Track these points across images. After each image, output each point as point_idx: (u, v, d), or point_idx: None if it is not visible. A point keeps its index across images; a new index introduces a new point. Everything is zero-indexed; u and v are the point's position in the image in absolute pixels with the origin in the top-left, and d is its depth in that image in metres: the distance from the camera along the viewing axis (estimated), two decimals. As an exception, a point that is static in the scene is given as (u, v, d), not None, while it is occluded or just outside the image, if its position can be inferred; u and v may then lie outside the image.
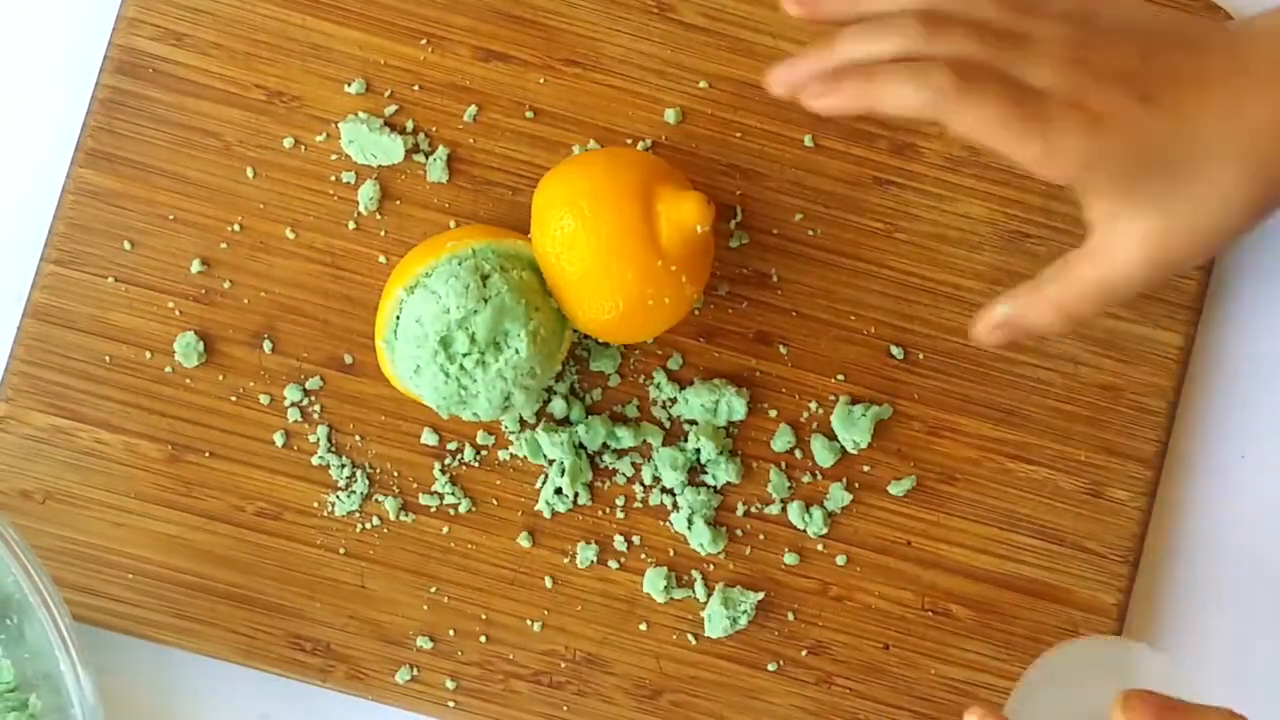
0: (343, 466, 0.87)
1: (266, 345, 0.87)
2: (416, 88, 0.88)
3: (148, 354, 0.87)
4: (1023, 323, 0.77)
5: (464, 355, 0.82)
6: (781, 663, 0.88)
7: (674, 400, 0.88)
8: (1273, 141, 0.73)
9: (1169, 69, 0.74)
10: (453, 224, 0.88)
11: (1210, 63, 0.75)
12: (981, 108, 0.72)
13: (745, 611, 0.87)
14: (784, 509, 0.88)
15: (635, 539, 0.87)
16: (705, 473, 0.87)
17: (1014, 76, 0.73)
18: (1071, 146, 0.72)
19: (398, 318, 0.83)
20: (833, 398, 0.88)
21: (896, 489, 0.88)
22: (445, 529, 0.87)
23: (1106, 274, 0.75)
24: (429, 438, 0.87)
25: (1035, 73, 0.73)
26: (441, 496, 0.87)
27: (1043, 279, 0.77)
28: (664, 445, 0.87)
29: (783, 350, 0.88)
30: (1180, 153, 0.73)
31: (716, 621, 0.87)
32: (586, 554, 0.87)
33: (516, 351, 0.82)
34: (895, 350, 0.88)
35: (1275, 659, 0.90)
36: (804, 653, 0.88)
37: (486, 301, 0.81)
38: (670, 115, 0.89)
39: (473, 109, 0.88)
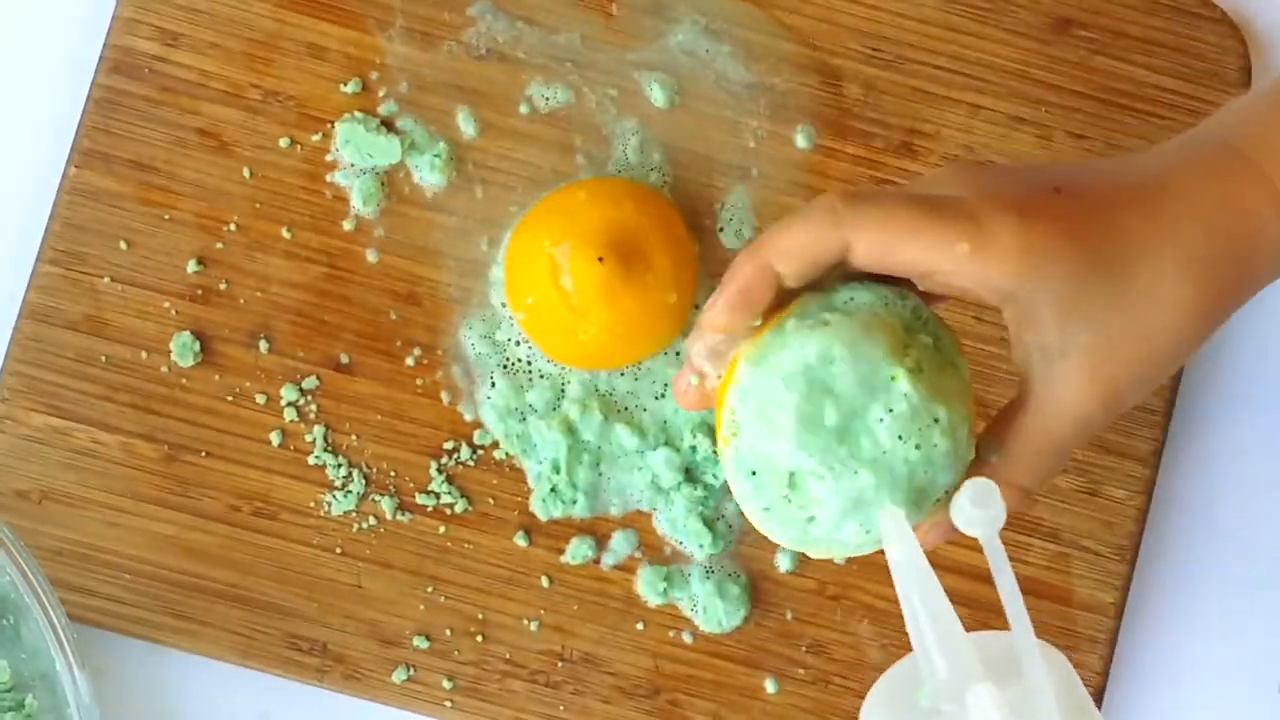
0: (339, 466, 0.87)
1: (263, 345, 0.87)
2: (413, 87, 0.88)
3: (144, 354, 0.87)
4: None
5: (834, 428, 0.64)
6: (779, 662, 0.88)
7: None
8: (1209, 245, 0.64)
9: (1074, 172, 0.66)
10: (452, 224, 0.88)
11: (1124, 176, 0.66)
12: (888, 209, 0.62)
13: (740, 606, 0.87)
14: (781, 508, 0.88)
15: (632, 538, 0.87)
16: (702, 471, 0.87)
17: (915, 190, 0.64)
18: (1006, 239, 0.62)
19: (736, 433, 0.65)
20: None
21: None
22: (442, 529, 0.87)
23: (1050, 425, 0.65)
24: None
25: (935, 188, 0.64)
26: (438, 496, 0.87)
27: (985, 457, 0.66)
28: (661, 444, 0.87)
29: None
30: (1115, 253, 0.63)
31: (711, 614, 0.87)
32: (582, 551, 0.87)
33: (906, 399, 0.64)
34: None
35: (1273, 657, 0.90)
36: (802, 652, 0.88)
37: (838, 352, 0.64)
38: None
39: (469, 108, 0.88)
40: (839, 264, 0.64)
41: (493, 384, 0.87)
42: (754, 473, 0.65)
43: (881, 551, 0.85)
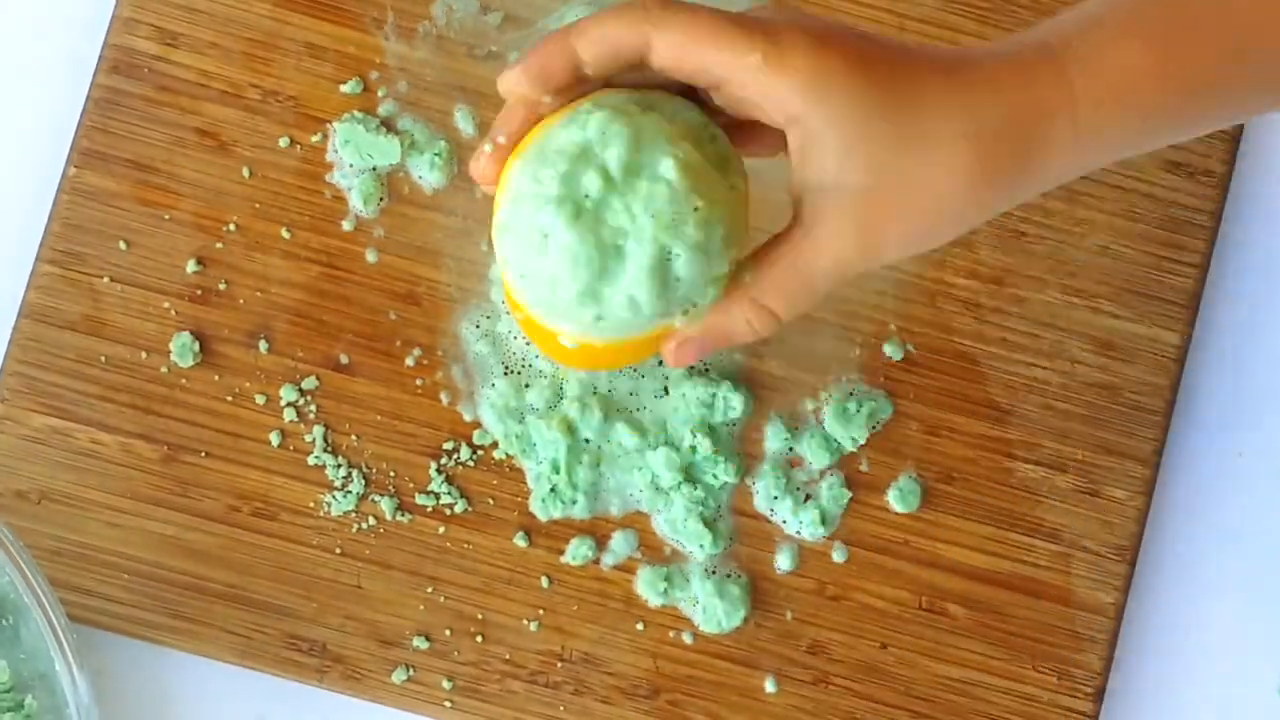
0: (339, 466, 0.87)
1: (262, 345, 0.87)
2: (412, 87, 0.88)
3: (143, 354, 0.87)
4: (719, 332, 0.69)
5: (595, 199, 0.66)
6: (778, 662, 0.88)
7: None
8: (997, 123, 0.65)
9: (885, 36, 0.68)
10: (452, 224, 0.88)
11: (934, 47, 0.68)
12: (694, 14, 0.65)
13: (739, 606, 0.87)
14: (781, 508, 0.87)
15: (631, 538, 0.87)
16: (702, 471, 0.87)
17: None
18: (797, 57, 0.64)
19: (511, 198, 0.68)
20: (829, 396, 0.88)
21: (900, 504, 0.87)
22: (441, 529, 0.87)
23: (807, 257, 0.66)
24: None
25: (752, 14, 0.67)
26: (438, 496, 0.87)
27: (739, 276, 0.68)
28: (661, 444, 0.87)
29: (780, 349, 0.88)
30: (907, 102, 0.65)
31: (711, 615, 0.87)
32: (582, 551, 0.87)
33: (668, 184, 0.66)
34: (893, 350, 0.88)
35: (1273, 657, 0.90)
36: (801, 652, 0.88)
37: (617, 130, 0.66)
38: (666, 114, 0.89)
39: (469, 108, 0.88)
40: (641, 64, 0.67)
41: (492, 384, 0.87)
42: (513, 233, 0.68)
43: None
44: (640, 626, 0.87)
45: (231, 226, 0.88)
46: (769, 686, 0.88)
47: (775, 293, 0.67)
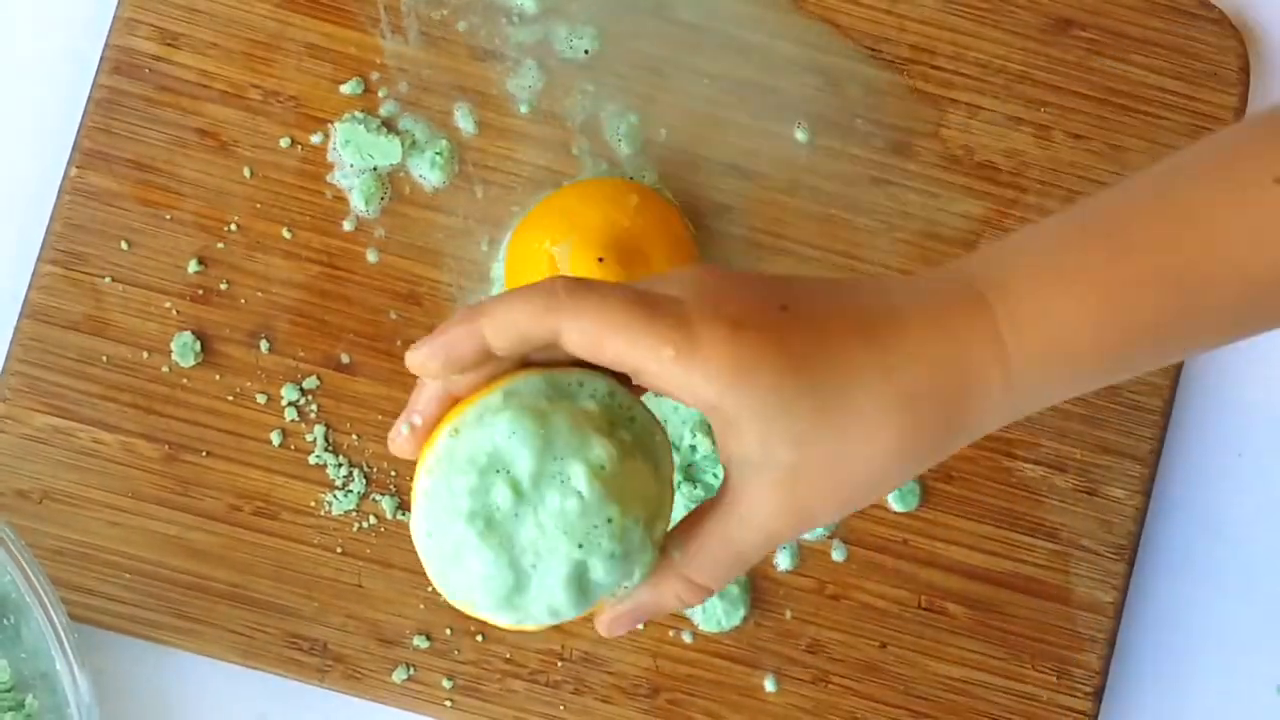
0: (340, 466, 0.87)
1: (263, 345, 0.87)
2: (413, 87, 0.88)
3: (145, 354, 0.87)
4: (650, 606, 0.66)
5: (505, 511, 0.63)
6: (778, 661, 0.88)
7: (670, 399, 0.88)
8: (925, 388, 0.63)
9: (808, 289, 0.65)
10: (452, 224, 0.88)
11: (858, 300, 0.64)
12: (604, 302, 0.62)
13: (739, 605, 0.87)
14: (781, 508, 0.88)
15: (632, 538, 0.87)
16: (701, 471, 0.87)
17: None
18: (713, 350, 0.62)
19: (425, 499, 0.65)
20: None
21: (899, 503, 0.88)
22: (442, 528, 0.87)
23: (736, 533, 0.64)
24: None
25: (665, 287, 0.64)
26: (438, 496, 0.87)
27: (670, 551, 0.66)
28: (660, 444, 0.87)
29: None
30: (827, 377, 0.62)
31: (711, 613, 0.87)
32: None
33: (579, 497, 0.63)
34: (892, 349, 0.88)
35: (1272, 657, 0.90)
36: (801, 651, 0.88)
37: (525, 434, 0.63)
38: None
39: (469, 107, 0.88)
40: (555, 345, 0.64)
41: (493, 384, 0.87)
42: (430, 534, 0.65)
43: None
44: (640, 625, 0.87)
45: (233, 226, 0.88)
46: (769, 685, 0.88)
47: (705, 569, 0.65)
